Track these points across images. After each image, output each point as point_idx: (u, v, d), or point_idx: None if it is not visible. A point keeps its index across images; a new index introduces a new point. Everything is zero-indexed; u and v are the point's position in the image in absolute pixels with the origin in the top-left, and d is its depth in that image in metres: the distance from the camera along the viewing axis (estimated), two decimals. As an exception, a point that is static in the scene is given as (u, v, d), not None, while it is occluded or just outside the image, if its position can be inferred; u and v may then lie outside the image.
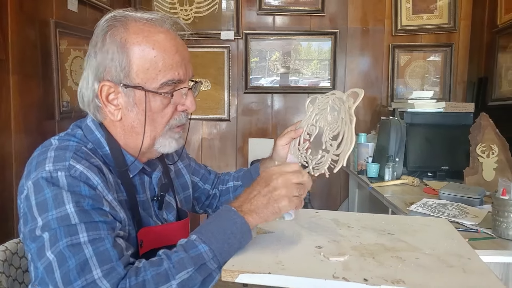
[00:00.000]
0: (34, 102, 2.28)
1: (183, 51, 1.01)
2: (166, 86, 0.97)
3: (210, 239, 0.86)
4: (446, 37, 3.54)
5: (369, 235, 1.04)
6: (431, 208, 1.84)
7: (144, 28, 0.97)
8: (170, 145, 1.04)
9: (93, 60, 0.98)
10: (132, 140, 1.02)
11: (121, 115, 0.99)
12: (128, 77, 0.96)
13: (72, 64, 2.64)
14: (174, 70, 0.97)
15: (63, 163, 0.89)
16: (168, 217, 1.11)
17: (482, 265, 0.87)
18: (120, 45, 0.95)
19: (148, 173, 1.08)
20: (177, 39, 1.01)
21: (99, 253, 0.82)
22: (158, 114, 0.99)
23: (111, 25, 0.97)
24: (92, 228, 0.84)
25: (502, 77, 2.84)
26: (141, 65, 0.95)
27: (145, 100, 0.96)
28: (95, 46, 0.98)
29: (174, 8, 3.59)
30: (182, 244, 0.87)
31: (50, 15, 2.42)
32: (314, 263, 0.85)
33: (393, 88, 3.60)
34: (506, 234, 1.49)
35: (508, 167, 2.24)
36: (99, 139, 1.00)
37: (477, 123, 2.34)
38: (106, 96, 0.98)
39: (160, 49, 0.96)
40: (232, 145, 3.75)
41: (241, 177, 1.41)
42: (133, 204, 1.00)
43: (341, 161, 0.97)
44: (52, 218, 0.84)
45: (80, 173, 0.88)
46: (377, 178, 2.70)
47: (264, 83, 3.69)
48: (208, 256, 0.84)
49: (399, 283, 0.76)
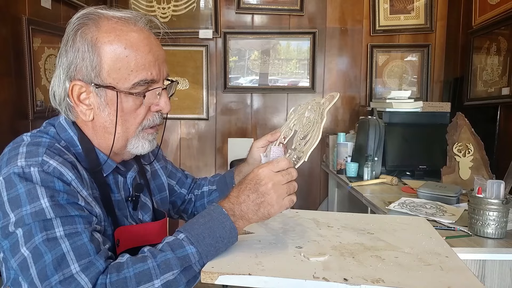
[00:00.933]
0: (6, 102, 2.22)
1: (157, 50, 0.98)
2: (138, 86, 0.95)
3: (199, 242, 0.85)
4: (423, 38, 3.59)
5: (348, 235, 1.05)
6: (409, 207, 1.86)
7: (117, 26, 0.94)
8: (143, 146, 1.02)
9: (64, 58, 0.96)
10: (104, 141, 1.00)
11: (93, 115, 0.97)
12: (99, 76, 0.93)
13: (46, 62, 2.58)
14: (147, 70, 0.95)
15: (35, 159, 0.86)
16: (143, 218, 1.09)
17: (459, 263, 0.88)
18: (91, 44, 0.93)
19: (123, 173, 1.06)
20: (151, 38, 0.98)
21: (77, 248, 0.80)
22: (130, 114, 0.97)
23: (83, 23, 0.95)
24: (68, 222, 0.82)
25: (477, 77, 2.89)
26: (112, 65, 0.93)
27: (117, 100, 0.94)
28: (66, 44, 0.96)
29: (151, 6, 3.55)
30: (169, 242, 0.85)
31: (22, 12, 2.36)
32: (294, 264, 0.85)
33: (372, 88, 3.63)
34: (482, 232, 1.51)
35: (483, 165, 2.28)
36: (72, 138, 0.98)
37: (453, 122, 2.38)
38: (77, 95, 0.95)
39: (132, 49, 0.93)
40: (211, 145, 3.73)
41: (216, 182, 1.39)
42: (107, 203, 0.98)
43: (303, 157, 0.96)
44: (26, 214, 0.81)
45: (53, 169, 0.86)
46: (356, 177, 2.72)
47: (243, 83, 3.68)
48: (195, 258, 0.84)
49: (379, 282, 0.76)
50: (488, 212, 1.48)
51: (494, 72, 2.67)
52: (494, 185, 1.48)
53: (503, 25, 2.57)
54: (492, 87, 2.69)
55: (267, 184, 0.89)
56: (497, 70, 2.64)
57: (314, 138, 0.97)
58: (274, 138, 1.19)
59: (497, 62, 2.64)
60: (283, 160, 0.93)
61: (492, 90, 2.69)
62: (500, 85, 2.58)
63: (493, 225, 1.49)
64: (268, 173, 0.90)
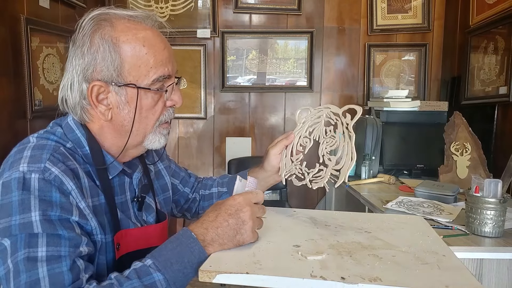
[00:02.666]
0: (5, 101, 2.22)
1: (169, 46, 1.02)
2: (157, 82, 0.97)
3: (166, 268, 0.83)
4: (420, 37, 3.59)
5: (346, 234, 1.05)
6: (407, 206, 1.86)
7: (130, 25, 0.96)
8: (160, 141, 1.04)
9: (79, 60, 0.95)
10: (120, 139, 1.01)
11: (111, 114, 0.98)
12: (120, 75, 0.94)
13: (44, 62, 2.58)
14: (164, 66, 0.98)
15: (38, 165, 0.86)
16: (147, 219, 1.09)
17: (457, 262, 0.89)
18: (112, 43, 0.94)
19: (129, 174, 1.07)
20: (162, 36, 1.01)
21: (53, 275, 0.79)
22: (149, 111, 0.99)
23: (98, 24, 0.95)
24: (53, 243, 0.81)
25: (475, 76, 2.89)
26: (133, 63, 0.95)
27: (137, 97, 0.96)
28: (82, 47, 0.95)
29: (149, 5, 3.55)
30: (136, 269, 0.84)
31: (21, 11, 2.36)
32: (291, 262, 0.85)
33: (369, 87, 3.64)
34: (479, 231, 1.52)
35: (480, 164, 2.28)
36: (79, 138, 0.98)
37: (451, 121, 2.38)
38: (96, 96, 0.95)
39: (150, 46, 0.96)
40: (209, 144, 3.73)
41: (226, 184, 1.39)
42: (111, 207, 0.98)
43: (342, 177, 0.99)
44: (15, 224, 0.80)
45: (54, 177, 0.85)
46: (354, 176, 2.73)
47: (241, 82, 3.68)
48: (162, 286, 0.82)
49: (376, 281, 0.76)
50: (485, 211, 1.49)
51: (492, 71, 2.67)
52: (491, 184, 1.48)
53: (500, 24, 2.58)
54: (489, 86, 2.69)
55: (247, 213, 0.90)
56: (494, 69, 2.64)
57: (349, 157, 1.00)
58: (289, 141, 1.20)
59: (494, 61, 2.65)
60: (261, 194, 0.96)
61: (489, 89, 2.69)
62: (498, 84, 2.59)
63: (490, 224, 1.50)
64: (249, 202, 0.92)
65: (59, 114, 1.04)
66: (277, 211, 1.24)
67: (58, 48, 2.76)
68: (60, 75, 2.78)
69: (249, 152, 3.69)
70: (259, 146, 3.71)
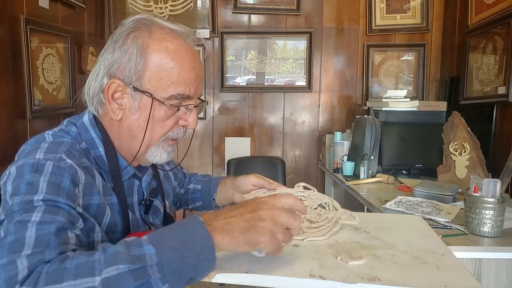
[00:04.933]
0: (4, 101, 2.22)
1: (199, 69, 1.00)
2: (174, 99, 0.96)
3: (161, 243, 0.71)
4: (419, 37, 3.59)
5: (345, 233, 1.05)
6: (405, 206, 1.87)
7: (168, 37, 0.96)
8: (161, 156, 1.03)
9: (109, 55, 0.97)
10: (126, 143, 1.01)
11: (122, 115, 0.98)
12: (139, 80, 0.95)
13: (44, 62, 2.58)
14: (186, 85, 0.97)
15: (54, 155, 0.86)
16: (154, 221, 1.10)
17: (455, 261, 0.89)
18: (141, 48, 0.94)
19: (139, 178, 1.07)
20: (196, 57, 1.00)
21: (39, 235, 0.74)
22: (158, 124, 0.98)
23: (136, 27, 0.96)
24: (51, 211, 0.78)
25: (473, 76, 2.90)
26: (156, 73, 0.94)
27: (151, 107, 0.95)
28: (116, 43, 0.96)
29: (148, 6, 3.54)
30: (128, 240, 0.74)
31: (20, 12, 2.36)
32: (290, 262, 0.85)
33: (368, 87, 3.64)
34: (478, 230, 1.52)
35: (479, 164, 2.29)
36: (94, 139, 0.98)
37: (449, 121, 2.39)
38: (112, 93, 0.96)
39: (178, 62, 0.95)
40: (208, 144, 3.73)
41: (202, 182, 1.40)
42: (124, 209, 0.98)
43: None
44: (17, 202, 0.79)
45: (70, 166, 0.86)
46: (353, 176, 2.73)
47: (240, 82, 3.68)
48: (152, 260, 0.69)
49: (375, 280, 0.76)
50: (484, 211, 1.49)
51: (490, 71, 2.68)
52: (490, 183, 1.49)
53: (499, 24, 2.58)
54: (488, 86, 2.70)
55: (268, 210, 0.78)
56: (493, 69, 2.65)
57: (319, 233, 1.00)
58: (270, 187, 1.18)
59: (493, 61, 2.65)
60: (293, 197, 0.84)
61: (488, 89, 2.70)
62: (496, 84, 2.59)
63: (489, 224, 1.50)
64: (273, 201, 0.81)
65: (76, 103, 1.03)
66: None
67: (58, 48, 2.76)
68: (59, 75, 2.78)
69: (248, 152, 3.69)
70: (258, 146, 3.71)
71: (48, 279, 0.66)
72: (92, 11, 3.29)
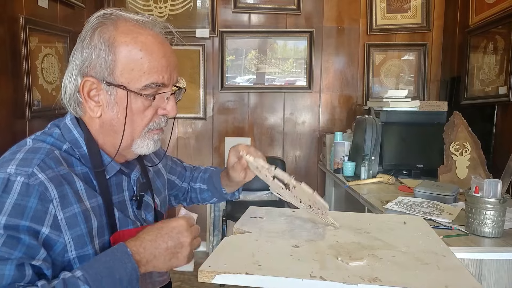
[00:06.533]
0: (3, 101, 2.22)
1: (170, 56, 1.00)
2: (149, 89, 0.96)
3: (95, 282, 0.80)
4: (420, 37, 3.59)
5: (345, 234, 1.05)
6: (406, 206, 1.86)
7: (134, 29, 0.96)
8: (148, 146, 1.02)
9: (79, 54, 0.96)
10: (110, 139, 1.00)
11: (100, 112, 0.98)
12: (112, 75, 0.94)
13: (43, 61, 2.57)
14: (158, 73, 0.96)
15: (26, 169, 0.85)
16: (147, 217, 1.10)
17: (456, 262, 0.88)
18: (108, 43, 0.94)
19: (127, 174, 1.07)
20: (165, 44, 1.01)
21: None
22: (138, 115, 0.98)
23: (101, 22, 0.96)
24: (9, 244, 0.79)
25: (474, 76, 2.89)
26: (126, 65, 0.94)
27: (127, 100, 0.95)
28: (83, 41, 0.96)
29: (148, 5, 3.54)
30: (65, 278, 0.79)
31: (19, 11, 2.35)
32: (291, 263, 0.85)
33: (369, 87, 3.64)
34: (479, 231, 1.51)
35: (480, 164, 2.28)
36: (77, 139, 0.98)
37: (450, 121, 2.38)
38: (87, 91, 0.96)
39: (147, 52, 0.95)
40: (208, 144, 3.73)
41: (206, 181, 1.41)
42: (108, 209, 0.98)
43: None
44: None
45: (40, 182, 0.85)
46: (353, 176, 2.72)
47: (240, 82, 3.67)
48: None
49: (376, 281, 0.76)
50: (485, 211, 1.48)
51: (491, 71, 2.67)
52: (491, 184, 1.48)
53: (500, 24, 2.58)
54: (489, 86, 2.69)
55: (188, 238, 0.91)
56: (494, 69, 2.64)
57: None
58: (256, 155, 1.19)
59: (494, 61, 2.65)
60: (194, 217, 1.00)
61: (489, 89, 2.69)
62: (497, 84, 2.58)
63: (490, 224, 1.49)
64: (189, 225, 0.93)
65: (57, 109, 1.04)
66: (276, 212, 1.23)
67: (57, 48, 2.76)
68: (59, 75, 2.77)
69: (248, 152, 3.68)
70: (258, 146, 3.71)
71: None
72: (91, 10, 3.28)
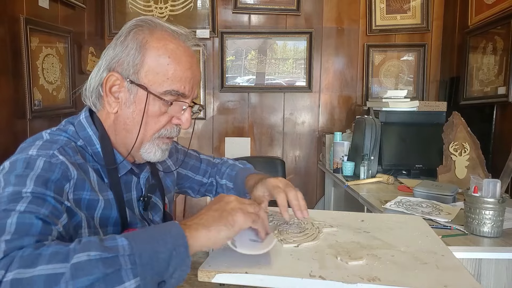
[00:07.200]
0: (4, 101, 2.22)
1: (196, 70, 1.03)
2: (169, 95, 0.98)
3: (134, 237, 0.73)
4: (419, 37, 3.59)
5: (345, 233, 1.05)
6: (405, 206, 1.86)
7: (167, 37, 0.99)
8: (155, 153, 1.04)
9: (111, 50, 1.00)
10: (121, 137, 1.02)
11: (117, 108, 1.00)
12: (136, 74, 0.97)
13: (43, 62, 2.58)
14: (181, 83, 0.99)
15: (47, 151, 0.88)
16: (154, 218, 1.11)
17: (455, 262, 0.89)
18: (140, 44, 0.97)
19: (136, 174, 1.08)
20: (194, 58, 1.03)
21: (20, 223, 0.74)
22: (152, 119, 1.00)
23: (139, 25, 1.00)
24: (36, 203, 0.79)
25: (473, 76, 2.90)
26: (152, 67, 0.97)
27: (146, 101, 0.98)
28: (117, 39, 1.00)
29: (148, 6, 3.55)
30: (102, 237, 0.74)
31: (20, 12, 2.36)
32: (290, 262, 0.85)
33: (368, 87, 3.64)
34: (478, 231, 1.52)
35: (479, 164, 2.29)
36: (91, 137, 1.00)
37: (449, 121, 2.38)
38: (110, 86, 0.99)
39: (175, 60, 0.98)
40: (208, 144, 3.73)
41: (233, 179, 1.39)
42: (120, 204, 0.99)
43: None
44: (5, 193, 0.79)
45: (61, 162, 0.88)
46: (353, 176, 2.73)
47: (240, 82, 3.68)
48: (124, 251, 0.70)
49: (375, 280, 0.76)
50: (484, 211, 1.49)
51: (490, 72, 2.68)
52: (490, 184, 1.48)
53: (499, 24, 2.58)
54: (488, 86, 2.70)
55: (232, 198, 0.86)
56: (493, 69, 2.65)
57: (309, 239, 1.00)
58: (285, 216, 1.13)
59: (493, 61, 2.65)
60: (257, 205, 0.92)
61: (488, 90, 2.70)
62: (496, 84, 2.59)
63: (489, 224, 1.50)
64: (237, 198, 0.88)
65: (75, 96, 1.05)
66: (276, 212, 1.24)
67: (58, 48, 2.76)
68: (59, 75, 2.78)
69: (248, 152, 3.69)
70: (258, 146, 3.71)
71: (21, 263, 0.67)
72: (92, 11, 3.29)
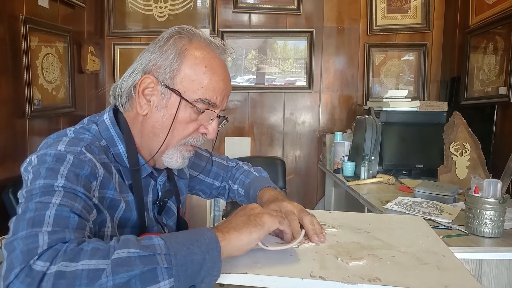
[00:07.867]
0: (3, 100, 2.21)
1: (228, 83, 1.07)
2: (201, 103, 1.00)
3: (170, 238, 0.76)
4: (420, 37, 3.59)
5: (345, 234, 1.05)
6: (406, 206, 1.86)
7: (206, 48, 1.02)
8: (177, 160, 1.05)
9: (149, 54, 1.02)
10: (147, 141, 1.03)
11: (148, 111, 1.01)
12: (172, 79, 0.99)
13: (43, 61, 2.57)
14: (214, 93, 1.01)
15: (75, 148, 0.90)
16: (167, 222, 1.13)
17: (456, 262, 0.89)
18: (180, 51, 0.99)
19: (155, 177, 1.10)
20: (227, 71, 1.07)
21: (59, 216, 0.76)
22: (181, 125, 1.01)
23: (179, 33, 1.02)
24: (70, 197, 0.80)
25: (474, 76, 2.89)
26: (188, 75, 0.99)
27: (178, 106, 0.99)
28: (156, 44, 1.02)
29: (148, 5, 3.54)
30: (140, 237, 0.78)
31: (20, 11, 2.35)
32: (291, 262, 0.85)
33: (369, 87, 3.64)
34: (479, 231, 1.51)
35: (480, 165, 2.28)
36: (113, 137, 1.01)
37: (450, 121, 2.38)
38: (143, 88, 1.00)
39: (211, 70, 1.00)
40: (208, 144, 3.69)
41: (246, 187, 1.38)
42: (140, 207, 1.00)
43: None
44: (35, 187, 0.81)
45: (89, 159, 0.89)
46: (353, 176, 2.73)
47: (240, 82, 3.67)
48: (161, 250, 0.73)
49: (376, 281, 0.76)
50: (485, 211, 1.49)
51: (491, 72, 2.67)
52: (491, 184, 1.48)
53: (500, 24, 2.58)
54: (489, 86, 2.69)
55: (255, 205, 0.92)
56: (494, 69, 2.64)
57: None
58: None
59: (494, 61, 2.65)
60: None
61: (489, 90, 2.69)
62: (497, 84, 2.58)
63: (490, 224, 1.49)
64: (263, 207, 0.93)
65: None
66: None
67: (57, 47, 2.75)
68: (59, 74, 2.77)
69: (248, 152, 3.69)
70: (259, 146, 3.71)
71: (65, 257, 0.69)
72: (92, 10, 3.29)
